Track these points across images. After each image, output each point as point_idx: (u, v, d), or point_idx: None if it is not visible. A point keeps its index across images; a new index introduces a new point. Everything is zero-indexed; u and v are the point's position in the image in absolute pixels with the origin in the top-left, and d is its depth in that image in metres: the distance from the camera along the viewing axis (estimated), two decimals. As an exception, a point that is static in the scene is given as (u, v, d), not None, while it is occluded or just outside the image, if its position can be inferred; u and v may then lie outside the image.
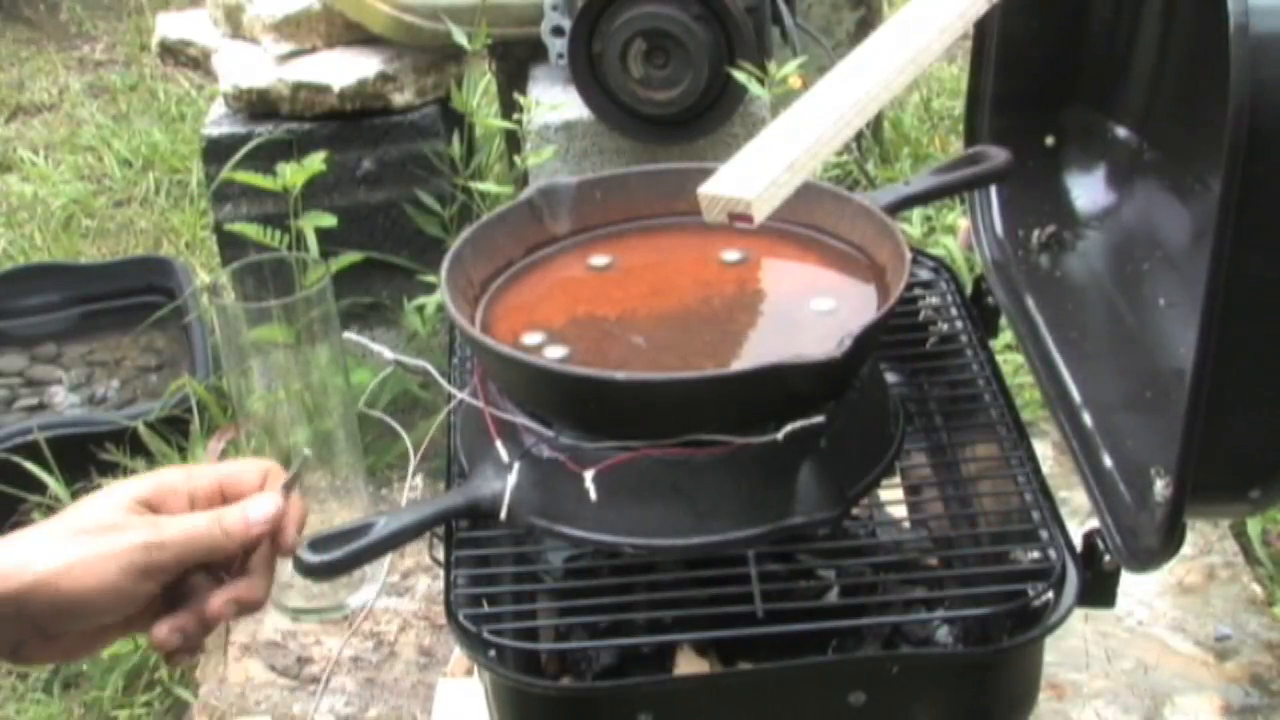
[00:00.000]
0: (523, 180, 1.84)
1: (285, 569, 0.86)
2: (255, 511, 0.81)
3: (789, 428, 0.84)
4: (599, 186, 1.06)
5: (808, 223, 1.02)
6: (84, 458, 1.79)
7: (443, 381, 0.99)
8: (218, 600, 0.81)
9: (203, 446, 1.81)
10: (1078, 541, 0.89)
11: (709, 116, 1.80)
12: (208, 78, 2.28)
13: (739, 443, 0.85)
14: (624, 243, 1.05)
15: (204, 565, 0.81)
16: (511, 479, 0.88)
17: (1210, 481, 0.78)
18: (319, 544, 0.84)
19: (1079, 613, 0.86)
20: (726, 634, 0.86)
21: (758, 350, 0.93)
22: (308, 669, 1.52)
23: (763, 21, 1.80)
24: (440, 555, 0.91)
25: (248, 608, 0.83)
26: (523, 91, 1.86)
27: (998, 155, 1.05)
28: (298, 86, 1.88)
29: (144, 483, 0.81)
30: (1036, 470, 0.94)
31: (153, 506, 0.80)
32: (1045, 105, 1.11)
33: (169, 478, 0.82)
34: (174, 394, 1.87)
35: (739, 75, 1.71)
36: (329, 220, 1.79)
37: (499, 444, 0.91)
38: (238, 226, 1.77)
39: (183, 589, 0.81)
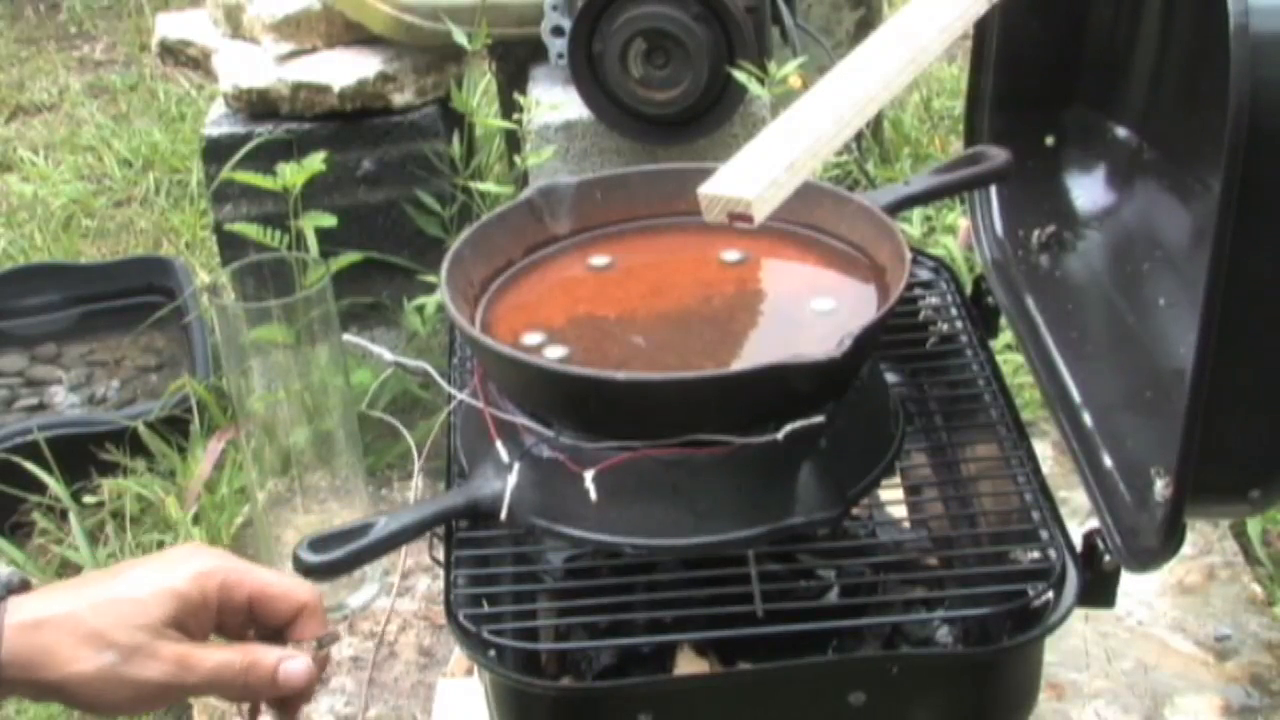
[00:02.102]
0: (523, 180, 1.84)
1: (285, 569, 0.86)
2: (285, 675, 0.81)
3: (789, 428, 0.84)
4: (599, 186, 1.06)
5: (808, 223, 1.02)
6: (84, 458, 1.79)
7: (442, 382, 0.99)
8: None
9: (203, 446, 1.81)
10: (1078, 541, 0.89)
11: (709, 116, 1.80)
12: (208, 78, 2.28)
13: (739, 443, 0.85)
14: (624, 243, 1.05)
15: None
16: (511, 479, 0.88)
17: (1210, 481, 0.77)
18: (319, 544, 0.84)
19: (1079, 613, 0.86)
20: (726, 634, 0.86)
21: (758, 350, 0.93)
22: (308, 669, 1.52)
23: (763, 21, 1.80)
24: (440, 555, 0.91)
25: None
26: (523, 91, 1.86)
27: (998, 155, 1.05)
28: (298, 86, 1.88)
29: (180, 590, 0.80)
30: (1036, 470, 0.94)
31: (181, 624, 0.80)
32: (1045, 105, 1.11)
33: (204, 586, 0.81)
34: (174, 394, 1.87)
35: (739, 75, 1.71)
36: (329, 220, 1.79)
37: (499, 444, 0.91)
38: (238, 226, 1.77)
39: None
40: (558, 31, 1.81)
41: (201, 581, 0.81)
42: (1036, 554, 0.89)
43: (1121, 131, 1.07)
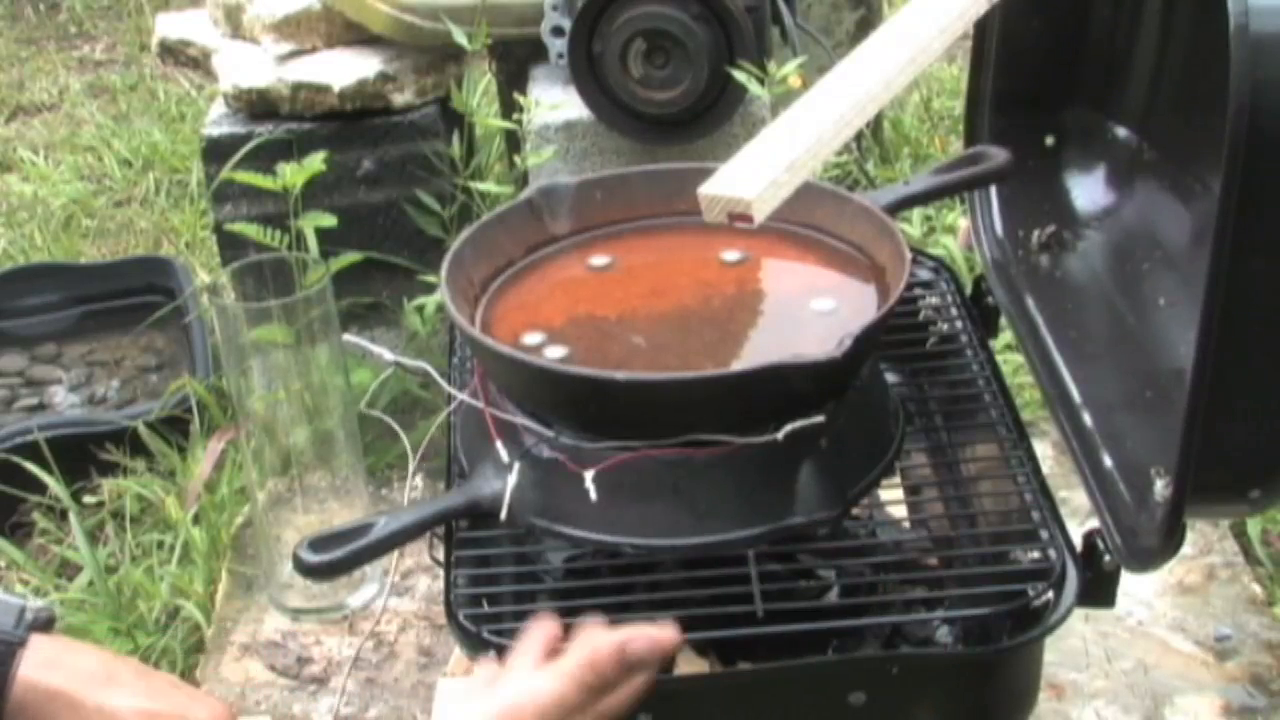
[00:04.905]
0: (523, 180, 1.84)
1: (285, 569, 0.86)
2: None
3: (789, 428, 0.84)
4: (599, 186, 1.06)
5: (808, 223, 1.02)
6: (84, 458, 1.78)
7: (442, 382, 0.99)
8: None
9: (203, 446, 1.81)
10: (1078, 541, 0.89)
11: (709, 116, 1.80)
12: (208, 78, 2.28)
13: (739, 443, 0.85)
14: (624, 243, 1.05)
15: None
16: (511, 479, 0.88)
17: (1210, 481, 0.78)
18: (319, 544, 0.84)
19: (1079, 613, 0.86)
20: (726, 634, 0.86)
21: (758, 350, 0.93)
22: (308, 669, 1.52)
23: (763, 21, 1.80)
24: (440, 555, 0.91)
25: None
26: (523, 91, 1.86)
27: (998, 155, 1.05)
28: (298, 86, 1.88)
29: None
30: (1036, 470, 0.94)
31: None
32: (1045, 105, 1.12)
33: None
34: (174, 394, 1.86)
35: (739, 75, 1.71)
36: (329, 220, 1.79)
37: (499, 444, 0.91)
38: (238, 226, 1.77)
39: None
40: (558, 31, 1.81)
41: None
42: (1036, 554, 0.89)
43: (1121, 131, 1.07)
